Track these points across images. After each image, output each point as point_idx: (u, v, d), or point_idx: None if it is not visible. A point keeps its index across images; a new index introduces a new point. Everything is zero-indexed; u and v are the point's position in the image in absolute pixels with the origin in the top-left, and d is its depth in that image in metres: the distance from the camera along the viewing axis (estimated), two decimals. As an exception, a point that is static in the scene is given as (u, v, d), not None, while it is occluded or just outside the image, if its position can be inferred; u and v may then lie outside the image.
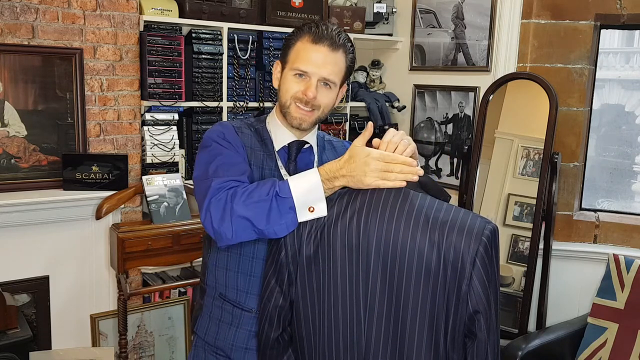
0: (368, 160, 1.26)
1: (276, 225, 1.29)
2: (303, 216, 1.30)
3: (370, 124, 1.33)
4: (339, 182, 1.30)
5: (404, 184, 1.26)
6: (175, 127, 2.87)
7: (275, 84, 1.50)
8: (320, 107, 1.44)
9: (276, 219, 1.28)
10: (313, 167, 1.49)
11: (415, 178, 1.26)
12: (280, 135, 1.49)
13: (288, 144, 1.49)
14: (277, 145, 1.49)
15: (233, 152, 1.42)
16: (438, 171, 3.42)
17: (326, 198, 1.31)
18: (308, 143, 1.52)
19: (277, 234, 1.30)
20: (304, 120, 1.44)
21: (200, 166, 1.43)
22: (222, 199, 1.31)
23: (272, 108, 1.63)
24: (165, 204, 2.67)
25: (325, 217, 1.30)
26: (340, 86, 1.48)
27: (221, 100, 2.98)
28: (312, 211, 1.29)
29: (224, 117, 3.01)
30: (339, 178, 1.29)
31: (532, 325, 2.89)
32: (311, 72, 1.40)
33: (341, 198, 1.31)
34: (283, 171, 1.47)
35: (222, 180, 1.34)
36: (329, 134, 1.69)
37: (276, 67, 1.50)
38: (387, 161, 1.26)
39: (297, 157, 1.50)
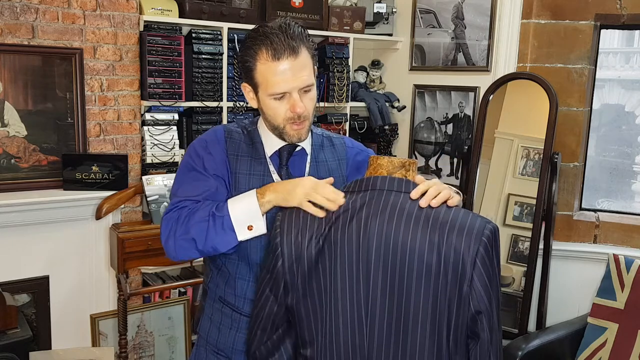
0: (303, 182, 1.29)
1: (213, 242, 1.34)
2: (242, 234, 1.35)
3: (330, 180, 1.33)
4: (268, 196, 1.34)
5: (323, 213, 1.26)
6: (175, 127, 2.87)
7: (252, 105, 1.47)
8: (310, 114, 1.44)
9: (213, 237, 1.34)
10: (306, 169, 1.51)
11: (334, 208, 1.25)
12: (271, 142, 1.48)
13: (279, 149, 1.48)
14: (269, 151, 1.48)
15: (202, 168, 1.44)
16: (438, 171, 3.42)
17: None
18: (299, 146, 1.50)
19: (216, 249, 1.36)
20: (301, 133, 1.44)
21: (175, 181, 1.51)
22: (170, 218, 1.38)
23: None
24: (165, 204, 2.66)
25: (325, 225, 1.27)
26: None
27: (221, 100, 2.98)
28: (251, 229, 1.34)
29: (224, 117, 3.00)
30: (270, 191, 1.33)
31: (532, 325, 2.89)
32: (288, 89, 1.36)
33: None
34: (275, 176, 1.46)
35: (177, 200, 1.41)
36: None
37: (246, 90, 1.46)
38: (317, 190, 1.27)
39: (289, 161, 1.49)
